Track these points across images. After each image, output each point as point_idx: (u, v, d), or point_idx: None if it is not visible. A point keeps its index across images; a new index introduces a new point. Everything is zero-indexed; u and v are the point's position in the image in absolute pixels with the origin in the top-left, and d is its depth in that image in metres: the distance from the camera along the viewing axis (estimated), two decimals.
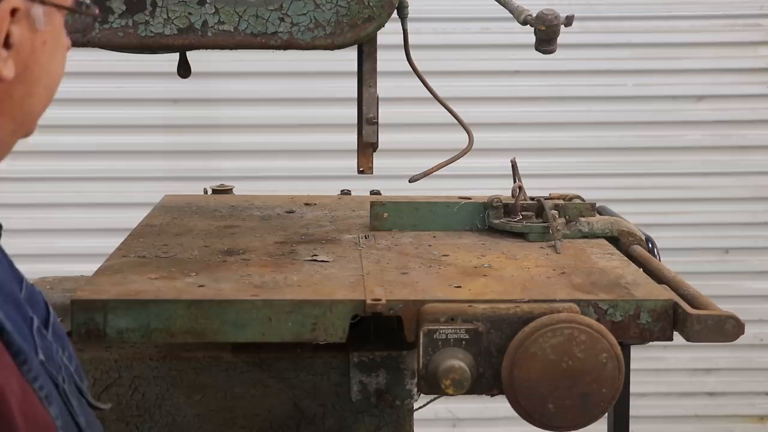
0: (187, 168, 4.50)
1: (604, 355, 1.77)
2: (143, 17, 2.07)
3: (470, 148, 2.43)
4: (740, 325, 1.81)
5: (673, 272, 2.08)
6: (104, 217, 4.42)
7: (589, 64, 4.58)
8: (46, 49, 1.26)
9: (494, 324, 1.79)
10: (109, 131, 4.50)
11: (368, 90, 2.26)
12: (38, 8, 1.23)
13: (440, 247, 2.27)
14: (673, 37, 4.61)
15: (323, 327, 1.82)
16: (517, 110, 4.61)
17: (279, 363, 2.04)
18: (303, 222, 2.53)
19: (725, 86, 4.63)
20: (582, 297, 1.87)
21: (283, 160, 4.58)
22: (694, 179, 4.67)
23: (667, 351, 4.66)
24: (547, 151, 4.60)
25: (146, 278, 1.96)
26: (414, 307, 1.82)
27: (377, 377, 1.99)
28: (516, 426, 2.13)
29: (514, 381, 1.77)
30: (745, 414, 4.80)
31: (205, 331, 1.81)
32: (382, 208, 2.44)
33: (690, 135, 4.65)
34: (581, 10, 4.06)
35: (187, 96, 4.46)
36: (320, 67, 4.26)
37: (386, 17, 2.12)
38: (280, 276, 1.99)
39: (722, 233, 4.69)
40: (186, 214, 2.59)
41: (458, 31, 4.56)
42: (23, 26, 1.22)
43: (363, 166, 2.33)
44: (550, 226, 2.32)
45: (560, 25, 2.18)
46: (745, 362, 4.75)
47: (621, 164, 4.64)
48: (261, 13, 2.09)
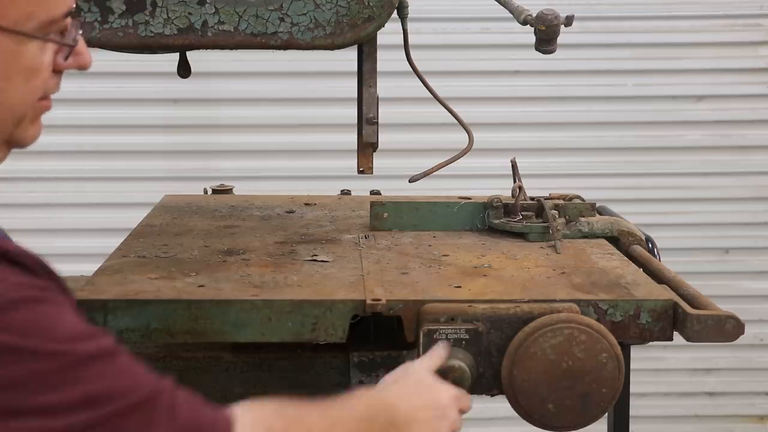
0: (187, 168, 4.50)
1: (604, 355, 1.77)
2: (143, 17, 2.07)
3: (470, 148, 2.43)
4: (740, 325, 1.81)
5: (673, 272, 2.08)
6: (104, 217, 4.42)
7: (589, 64, 4.57)
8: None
9: (494, 324, 1.79)
10: (109, 131, 4.49)
11: (368, 90, 2.26)
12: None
13: (440, 247, 2.27)
14: (673, 37, 4.60)
15: (323, 327, 1.82)
16: (517, 110, 4.61)
17: (279, 363, 2.04)
18: (303, 222, 2.53)
19: (725, 86, 4.62)
20: (582, 297, 1.87)
21: (283, 160, 4.57)
22: (694, 179, 4.66)
23: (667, 351, 4.66)
24: (547, 151, 4.59)
25: (146, 278, 1.96)
26: (414, 307, 1.82)
27: (377, 377, 1.98)
28: (516, 426, 2.13)
29: (514, 381, 1.77)
30: (745, 414, 4.80)
31: (205, 331, 1.81)
32: (382, 208, 2.44)
33: (690, 135, 4.64)
34: (581, 10, 4.06)
35: (187, 96, 4.46)
36: (320, 67, 4.26)
37: (386, 17, 2.12)
38: (280, 276, 1.99)
39: (722, 233, 4.68)
40: (186, 214, 2.59)
41: (458, 31, 4.55)
42: None
43: (363, 166, 2.33)
44: (550, 226, 2.32)
45: (560, 25, 2.18)
46: (745, 362, 4.75)
47: (621, 164, 4.64)
48: (261, 13, 2.09)
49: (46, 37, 1.33)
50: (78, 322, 1.26)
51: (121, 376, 1.25)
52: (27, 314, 1.20)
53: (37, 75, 1.35)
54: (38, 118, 1.41)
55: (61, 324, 1.23)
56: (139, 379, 1.27)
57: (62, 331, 1.22)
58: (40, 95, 1.38)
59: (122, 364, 1.27)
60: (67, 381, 1.20)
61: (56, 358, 1.20)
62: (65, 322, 1.24)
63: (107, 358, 1.25)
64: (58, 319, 1.23)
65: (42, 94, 1.38)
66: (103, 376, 1.23)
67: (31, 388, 1.18)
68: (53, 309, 1.24)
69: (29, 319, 1.20)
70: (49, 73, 1.37)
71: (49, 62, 1.36)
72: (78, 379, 1.21)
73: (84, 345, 1.23)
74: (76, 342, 1.23)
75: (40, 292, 1.23)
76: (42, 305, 1.22)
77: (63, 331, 1.23)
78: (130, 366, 1.28)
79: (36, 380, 1.18)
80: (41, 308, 1.22)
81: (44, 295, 1.24)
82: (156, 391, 1.27)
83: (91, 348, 1.24)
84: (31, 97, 1.36)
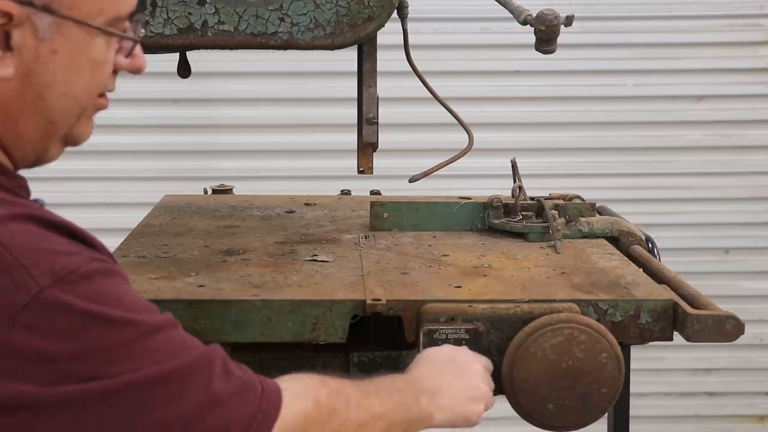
0: (187, 168, 4.50)
1: (604, 355, 1.77)
2: (143, 17, 2.06)
3: (470, 148, 2.43)
4: (740, 325, 1.81)
5: (673, 272, 2.08)
6: (104, 217, 4.41)
7: (589, 64, 4.58)
8: (59, 59, 1.36)
9: (494, 324, 1.79)
10: (109, 131, 4.48)
11: (368, 90, 2.26)
12: (44, 18, 1.32)
13: (440, 247, 2.27)
14: (673, 37, 4.60)
15: (323, 327, 1.82)
16: (517, 110, 4.61)
17: (279, 363, 2.04)
18: (303, 222, 2.53)
19: (725, 86, 4.62)
20: (582, 297, 1.87)
21: (283, 160, 4.57)
22: (694, 179, 4.66)
23: (667, 351, 4.66)
24: (547, 151, 4.59)
25: (146, 278, 1.96)
26: (414, 307, 1.82)
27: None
28: (516, 426, 2.13)
29: (514, 381, 1.77)
30: (745, 414, 4.80)
31: (205, 331, 1.81)
32: (382, 208, 2.44)
33: (690, 135, 4.64)
34: (581, 10, 4.06)
35: (187, 96, 4.46)
36: (320, 67, 4.26)
37: (386, 17, 2.12)
38: (280, 276, 1.99)
39: (722, 233, 4.68)
40: (186, 214, 2.59)
41: (458, 31, 4.56)
42: (26, 32, 1.32)
43: (363, 166, 2.33)
44: (550, 226, 2.32)
45: (560, 25, 2.18)
46: (745, 362, 4.75)
47: (621, 164, 4.64)
48: (261, 13, 2.09)
49: (114, 32, 1.40)
50: (139, 297, 1.36)
51: (183, 341, 1.36)
52: (104, 284, 1.29)
53: (102, 69, 1.41)
54: (93, 116, 1.47)
55: (128, 296, 1.32)
56: (197, 344, 1.37)
57: (131, 302, 1.31)
58: (101, 90, 1.44)
59: (182, 334, 1.37)
60: (139, 348, 1.28)
61: (133, 326, 1.28)
62: (132, 295, 1.34)
63: (170, 329, 1.35)
64: (125, 292, 1.32)
65: (102, 90, 1.44)
66: (169, 342, 1.32)
67: (108, 354, 1.26)
68: (122, 282, 1.34)
69: (107, 288, 1.29)
70: (111, 70, 1.44)
71: (112, 59, 1.43)
72: (149, 347, 1.29)
73: (150, 316, 1.33)
74: (144, 313, 1.32)
75: (110, 265, 1.33)
76: (113, 278, 1.32)
77: (131, 302, 1.32)
78: (186, 335, 1.38)
79: (113, 347, 1.26)
80: (113, 280, 1.31)
81: (114, 268, 1.34)
82: (211, 352, 1.37)
83: (158, 319, 1.34)
84: (95, 91, 1.42)
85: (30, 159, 1.43)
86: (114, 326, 1.26)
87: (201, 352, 1.35)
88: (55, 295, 1.23)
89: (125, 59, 1.45)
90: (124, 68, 1.46)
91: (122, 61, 1.45)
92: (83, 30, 1.36)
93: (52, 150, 1.45)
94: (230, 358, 1.40)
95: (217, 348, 1.39)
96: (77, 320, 1.24)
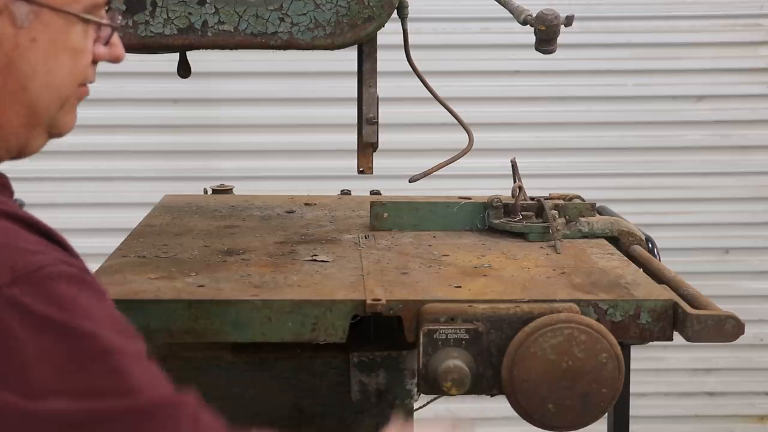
0: (187, 168, 4.50)
1: (604, 355, 1.77)
2: (143, 17, 2.07)
3: (470, 148, 2.43)
4: (740, 325, 1.81)
5: (673, 272, 2.08)
6: (104, 217, 4.42)
7: (589, 64, 4.57)
8: (38, 47, 1.34)
9: (494, 324, 1.79)
10: (109, 131, 4.49)
11: (368, 90, 2.26)
12: (21, 6, 1.32)
13: (440, 247, 2.27)
14: (673, 37, 4.60)
15: (323, 327, 1.82)
16: (517, 110, 4.61)
17: (279, 363, 2.04)
18: (303, 222, 2.53)
19: (725, 86, 4.62)
20: (582, 297, 1.87)
21: (283, 160, 4.57)
22: (694, 179, 4.66)
23: (667, 351, 4.66)
24: (547, 151, 4.59)
25: (146, 278, 1.96)
26: (414, 307, 1.82)
27: (377, 377, 1.99)
28: (516, 426, 2.13)
29: (514, 381, 1.77)
30: (745, 414, 4.80)
31: (205, 331, 1.81)
32: (382, 208, 2.44)
33: (690, 135, 4.64)
34: (581, 10, 4.06)
35: (187, 96, 4.46)
36: (320, 67, 4.26)
37: (386, 17, 2.12)
38: (280, 276, 1.99)
39: (722, 233, 4.68)
40: (186, 214, 2.59)
41: (458, 31, 4.55)
42: (4, 21, 1.31)
43: (363, 166, 2.33)
44: (550, 226, 2.32)
45: (560, 25, 2.18)
46: (745, 362, 4.75)
47: (621, 164, 4.64)
48: (261, 13, 2.09)
49: (92, 19, 1.39)
50: (115, 314, 1.26)
51: (150, 375, 1.22)
52: (69, 289, 1.20)
53: (81, 57, 1.40)
54: (76, 106, 1.45)
55: (96, 307, 1.22)
56: (165, 385, 1.24)
57: (100, 315, 1.21)
58: (82, 80, 1.43)
59: (152, 368, 1.24)
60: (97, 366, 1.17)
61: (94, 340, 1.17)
62: (104, 310, 1.24)
63: (137, 357, 1.22)
64: (95, 303, 1.22)
65: (83, 80, 1.43)
66: (132, 370, 1.19)
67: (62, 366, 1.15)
68: (94, 293, 1.24)
69: (71, 294, 1.19)
70: (90, 59, 1.43)
71: (91, 48, 1.42)
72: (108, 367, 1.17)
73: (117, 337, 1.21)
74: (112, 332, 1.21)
75: (82, 273, 1.25)
76: (82, 285, 1.23)
77: (101, 315, 1.21)
78: (158, 373, 1.24)
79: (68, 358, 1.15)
80: (80, 287, 1.22)
81: (85, 276, 1.26)
82: (182, 400, 1.23)
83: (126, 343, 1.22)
84: (76, 80, 1.41)
85: (13, 151, 1.42)
86: (70, 336, 1.16)
87: (168, 397, 1.22)
88: (13, 294, 1.15)
89: (104, 48, 1.44)
90: (103, 58, 1.45)
91: (101, 51, 1.43)
92: (61, 17, 1.35)
93: (36, 141, 1.43)
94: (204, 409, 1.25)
95: (189, 399, 1.24)
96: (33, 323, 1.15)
